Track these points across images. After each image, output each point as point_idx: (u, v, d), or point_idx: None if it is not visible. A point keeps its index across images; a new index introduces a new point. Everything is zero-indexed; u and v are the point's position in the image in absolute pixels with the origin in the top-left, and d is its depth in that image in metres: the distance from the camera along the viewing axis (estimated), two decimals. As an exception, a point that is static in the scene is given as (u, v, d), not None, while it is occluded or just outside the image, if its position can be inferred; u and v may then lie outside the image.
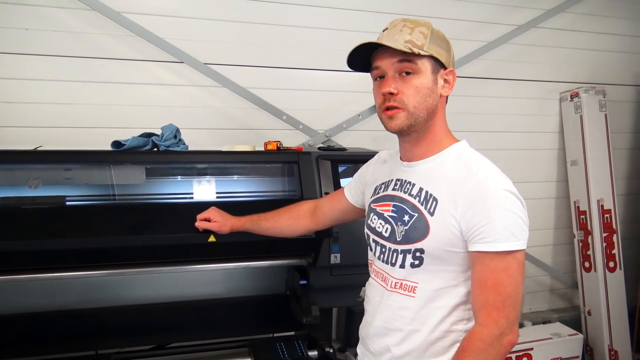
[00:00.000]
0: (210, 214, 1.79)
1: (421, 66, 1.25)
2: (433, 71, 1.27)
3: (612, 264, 3.31)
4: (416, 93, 1.25)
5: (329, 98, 2.82)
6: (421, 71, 1.25)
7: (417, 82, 1.25)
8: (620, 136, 3.56)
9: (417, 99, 1.26)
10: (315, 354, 2.15)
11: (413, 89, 1.25)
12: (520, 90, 3.27)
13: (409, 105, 1.26)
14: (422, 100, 1.26)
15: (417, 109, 1.26)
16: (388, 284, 1.36)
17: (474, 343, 1.21)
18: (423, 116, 1.27)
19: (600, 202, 3.28)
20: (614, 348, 3.28)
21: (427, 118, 1.28)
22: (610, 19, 3.39)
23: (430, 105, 1.28)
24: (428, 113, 1.28)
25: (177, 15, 2.50)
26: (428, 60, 1.26)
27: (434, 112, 1.29)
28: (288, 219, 1.76)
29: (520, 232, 1.19)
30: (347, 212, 1.67)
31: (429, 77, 1.26)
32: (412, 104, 1.26)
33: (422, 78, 1.26)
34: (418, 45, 1.24)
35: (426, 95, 1.26)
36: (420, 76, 1.25)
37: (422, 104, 1.26)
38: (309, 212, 1.75)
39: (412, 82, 1.25)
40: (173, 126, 2.04)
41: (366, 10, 2.78)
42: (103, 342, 2.06)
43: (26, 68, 2.33)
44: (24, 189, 1.83)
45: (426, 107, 1.27)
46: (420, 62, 1.25)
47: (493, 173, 1.24)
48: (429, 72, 1.26)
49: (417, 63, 1.25)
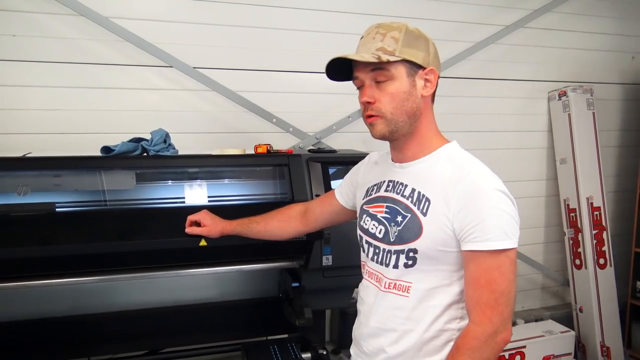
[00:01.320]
0: (201, 217, 1.79)
1: (394, 72, 1.26)
2: (409, 74, 1.27)
3: (602, 261, 3.34)
4: (392, 100, 1.27)
5: (319, 100, 2.82)
6: (395, 77, 1.26)
7: (392, 89, 1.26)
8: (608, 134, 3.60)
9: (394, 105, 1.27)
10: (309, 356, 2.16)
11: (388, 96, 1.27)
12: (508, 90, 3.29)
13: (386, 112, 1.27)
14: (399, 105, 1.27)
15: (394, 115, 1.27)
16: (382, 284, 1.36)
17: (469, 341, 1.22)
18: (404, 120, 1.28)
19: (589, 199, 3.31)
20: (605, 344, 3.30)
21: (410, 121, 1.29)
22: (596, 18, 3.43)
23: (410, 109, 1.28)
24: (409, 116, 1.28)
25: (165, 19, 2.49)
26: (402, 65, 1.26)
27: (416, 115, 1.30)
28: (278, 222, 1.77)
29: (512, 231, 1.20)
30: (338, 214, 1.67)
31: (404, 82, 1.27)
32: (389, 110, 1.27)
33: (397, 83, 1.26)
34: (389, 51, 1.24)
35: (403, 100, 1.27)
36: (394, 82, 1.26)
37: (399, 109, 1.27)
38: (300, 215, 1.76)
39: (387, 90, 1.27)
40: (162, 131, 2.04)
41: (355, 12, 2.78)
42: (96, 348, 2.05)
43: (14, 74, 2.31)
44: (13, 196, 1.82)
45: (405, 111, 1.28)
46: (392, 68, 1.26)
47: (484, 173, 1.25)
48: (404, 76, 1.26)
49: (390, 70, 1.26)
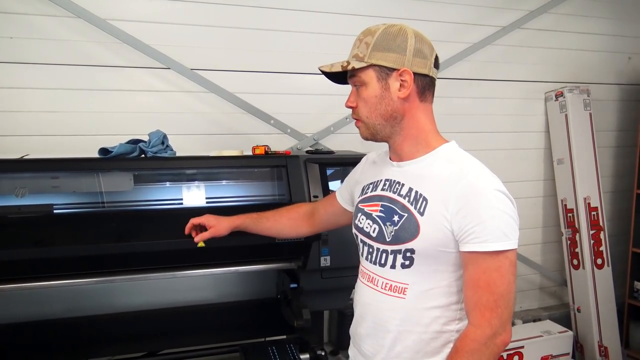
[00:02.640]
0: (204, 219, 1.74)
1: (364, 78, 1.29)
2: (380, 78, 1.28)
3: (599, 261, 3.35)
4: (365, 104, 1.31)
5: (317, 102, 2.82)
6: (365, 82, 1.29)
7: (364, 94, 1.30)
8: (605, 134, 3.60)
9: (367, 109, 1.31)
10: (307, 357, 2.15)
11: (362, 101, 1.31)
12: (505, 90, 3.29)
13: (362, 116, 1.33)
14: (372, 109, 1.30)
15: (369, 119, 1.31)
16: (377, 285, 1.36)
17: (468, 343, 1.21)
18: (380, 123, 1.31)
19: (586, 199, 3.31)
20: (603, 344, 3.31)
21: (388, 123, 1.31)
22: (592, 19, 3.43)
23: (385, 112, 1.29)
24: (385, 119, 1.30)
25: (162, 21, 2.49)
26: (371, 69, 1.28)
27: (394, 117, 1.30)
28: (288, 220, 1.76)
29: (512, 232, 1.20)
30: (341, 216, 1.67)
31: (374, 86, 1.28)
32: (365, 114, 1.32)
33: (368, 88, 1.29)
34: (360, 58, 1.28)
35: (375, 104, 1.29)
36: (366, 87, 1.30)
37: (372, 112, 1.30)
38: (307, 215, 1.75)
39: (361, 95, 1.31)
40: (160, 132, 2.04)
41: (352, 14, 2.78)
42: (93, 350, 2.04)
43: (11, 77, 2.31)
44: (10, 198, 1.81)
45: (380, 115, 1.30)
46: (362, 74, 1.29)
47: (483, 173, 1.25)
48: (374, 81, 1.28)
49: (360, 76, 1.29)
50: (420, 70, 1.28)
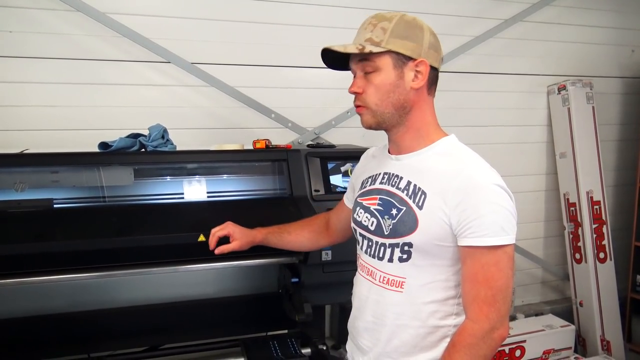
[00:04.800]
0: (229, 231, 1.67)
1: (379, 63, 1.25)
2: (396, 66, 1.25)
3: (602, 255, 3.34)
4: (376, 91, 1.26)
5: (318, 95, 2.81)
6: (380, 68, 1.25)
7: (377, 80, 1.26)
8: (608, 128, 3.59)
9: (378, 96, 1.26)
10: (309, 351, 2.15)
11: (373, 87, 1.26)
12: (508, 84, 3.28)
13: (371, 103, 1.27)
14: (383, 97, 1.26)
15: (379, 107, 1.27)
16: (375, 278, 1.35)
17: (465, 338, 1.21)
18: (390, 112, 1.27)
19: (589, 193, 3.30)
20: (606, 338, 3.31)
21: (398, 113, 1.28)
22: (595, 12, 3.41)
23: (397, 101, 1.27)
24: (396, 108, 1.27)
25: (163, 15, 2.48)
26: (388, 56, 1.24)
27: (404, 107, 1.28)
28: (309, 233, 1.72)
29: (510, 227, 1.19)
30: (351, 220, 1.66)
31: (390, 73, 1.25)
32: (374, 101, 1.27)
33: (382, 75, 1.25)
34: (376, 42, 1.23)
35: (389, 92, 1.26)
36: (380, 73, 1.25)
37: (384, 101, 1.26)
38: (325, 227, 1.72)
39: (373, 81, 1.26)
40: (160, 126, 2.04)
41: (353, 7, 2.76)
42: (95, 345, 2.04)
43: (11, 71, 2.30)
44: (10, 192, 1.81)
45: (391, 103, 1.26)
46: (378, 59, 1.25)
47: (482, 167, 1.24)
48: (391, 68, 1.25)
49: (375, 61, 1.25)
50: (433, 63, 1.28)
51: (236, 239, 1.67)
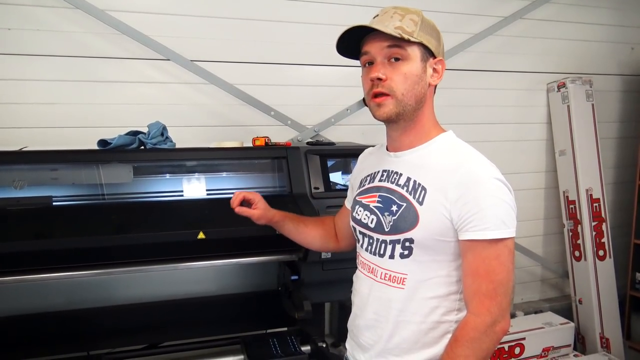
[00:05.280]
0: (255, 197, 1.68)
1: (411, 53, 1.25)
2: (422, 59, 1.26)
3: (601, 253, 3.34)
4: (405, 80, 1.25)
5: (317, 93, 2.81)
6: (410, 58, 1.25)
7: (406, 69, 1.25)
8: (608, 125, 3.59)
9: (406, 85, 1.25)
10: (308, 349, 2.15)
11: (402, 75, 1.24)
12: (507, 81, 3.28)
13: (397, 92, 1.25)
14: (410, 87, 1.25)
15: (405, 97, 1.25)
16: (377, 275, 1.35)
17: (468, 332, 1.21)
18: (411, 104, 1.26)
19: (589, 191, 3.30)
20: (605, 336, 3.31)
21: (416, 106, 1.28)
22: (594, 9, 3.41)
23: (419, 93, 1.27)
24: (416, 101, 1.27)
25: (162, 12, 2.48)
26: (418, 48, 1.25)
27: (422, 101, 1.29)
28: (323, 231, 1.70)
29: (510, 220, 1.20)
30: None
31: (418, 65, 1.25)
32: (401, 90, 1.25)
33: (412, 65, 1.25)
34: (408, 32, 1.23)
35: (415, 83, 1.25)
36: (409, 63, 1.25)
37: (410, 91, 1.25)
38: (334, 231, 1.70)
39: (401, 69, 1.25)
40: (160, 124, 2.03)
41: (353, 4, 2.76)
42: (94, 342, 2.04)
43: (10, 68, 2.30)
44: (9, 189, 1.81)
45: (415, 95, 1.26)
46: (409, 48, 1.24)
47: (482, 162, 1.24)
48: (419, 60, 1.26)
49: (407, 49, 1.24)
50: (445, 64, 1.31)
51: (258, 208, 1.67)
